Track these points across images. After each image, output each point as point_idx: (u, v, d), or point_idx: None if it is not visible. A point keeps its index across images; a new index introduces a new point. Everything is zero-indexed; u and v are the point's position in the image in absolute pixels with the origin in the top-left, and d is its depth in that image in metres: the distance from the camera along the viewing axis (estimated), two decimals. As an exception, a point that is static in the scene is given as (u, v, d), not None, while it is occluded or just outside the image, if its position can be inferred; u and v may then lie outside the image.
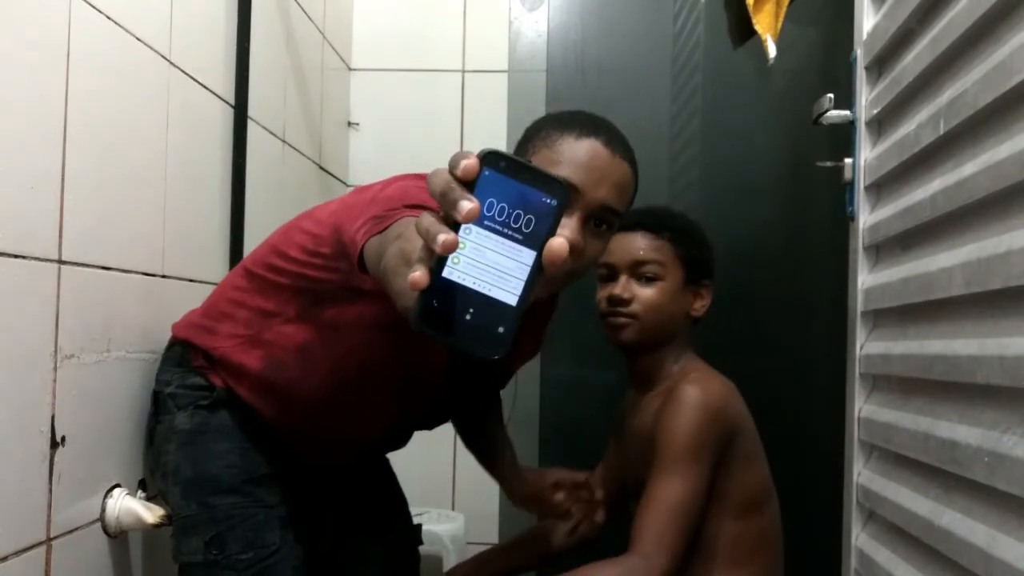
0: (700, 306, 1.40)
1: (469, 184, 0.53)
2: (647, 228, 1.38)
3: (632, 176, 1.11)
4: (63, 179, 1.07)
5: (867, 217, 1.29)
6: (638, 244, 1.37)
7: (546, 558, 1.55)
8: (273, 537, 1.16)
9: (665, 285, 1.36)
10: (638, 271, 1.37)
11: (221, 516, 1.16)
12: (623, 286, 1.36)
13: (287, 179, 1.93)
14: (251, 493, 1.17)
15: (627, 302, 1.36)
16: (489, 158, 0.54)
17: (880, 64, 1.26)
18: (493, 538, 2.38)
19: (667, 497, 1.22)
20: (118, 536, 1.21)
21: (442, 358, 1.17)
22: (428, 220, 0.54)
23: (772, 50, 2.17)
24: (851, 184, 1.34)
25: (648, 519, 1.21)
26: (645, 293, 1.36)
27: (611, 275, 1.39)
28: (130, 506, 1.20)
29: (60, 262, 1.07)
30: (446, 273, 0.53)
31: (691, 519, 1.23)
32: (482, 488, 2.39)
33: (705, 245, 1.42)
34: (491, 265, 0.53)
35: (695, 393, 1.28)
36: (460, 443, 2.37)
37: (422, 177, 1.06)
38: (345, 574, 1.39)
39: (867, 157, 1.29)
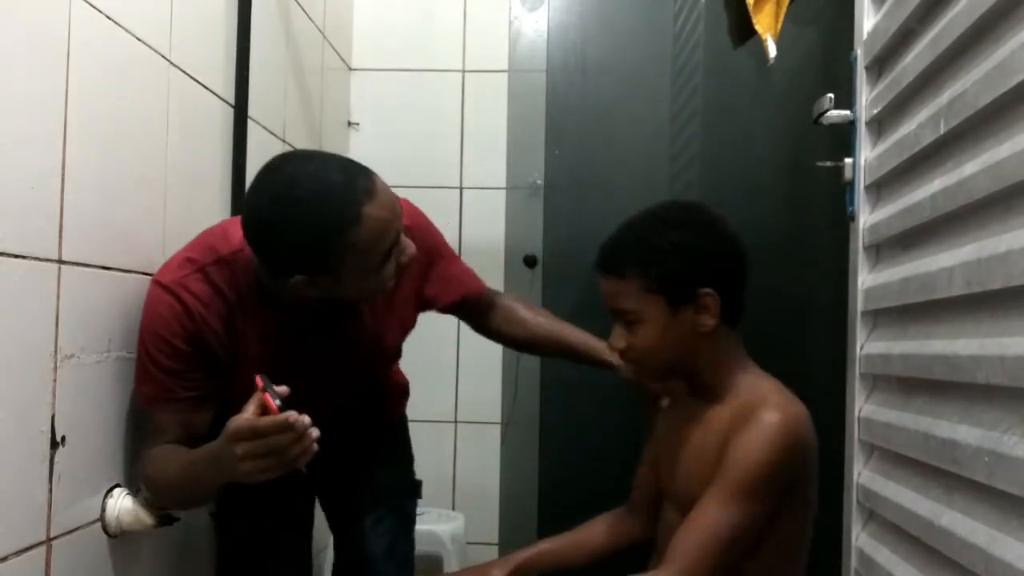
0: (709, 319, 1.25)
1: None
2: (609, 271, 1.28)
3: (383, 183, 1.15)
4: (63, 179, 1.07)
5: (867, 217, 1.29)
6: (609, 290, 1.28)
7: (596, 556, 1.49)
8: (256, 508, 1.41)
9: (646, 326, 1.25)
10: (621, 318, 1.28)
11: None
12: (615, 336, 1.29)
13: (287, 179, 1.93)
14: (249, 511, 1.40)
15: (623, 352, 1.29)
16: (267, 386, 1.06)
17: (880, 64, 1.26)
18: (493, 538, 2.38)
19: (719, 523, 1.16)
20: (118, 536, 1.21)
21: (325, 352, 1.32)
22: (299, 447, 1.02)
23: (772, 50, 2.17)
24: (851, 184, 1.34)
25: (693, 539, 1.17)
26: (633, 340, 1.27)
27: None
28: (130, 506, 1.20)
29: (60, 262, 1.07)
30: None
31: (734, 551, 1.18)
32: (482, 488, 2.39)
33: (687, 252, 1.25)
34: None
35: (777, 421, 1.18)
36: (460, 443, 2.38)
37: (163, 290, 1.21)
38: (340, 521, 1.59)
39: (867, 157, 1.29)
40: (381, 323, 1.38)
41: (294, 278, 1.14)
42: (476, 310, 1.55)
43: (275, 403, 1.03)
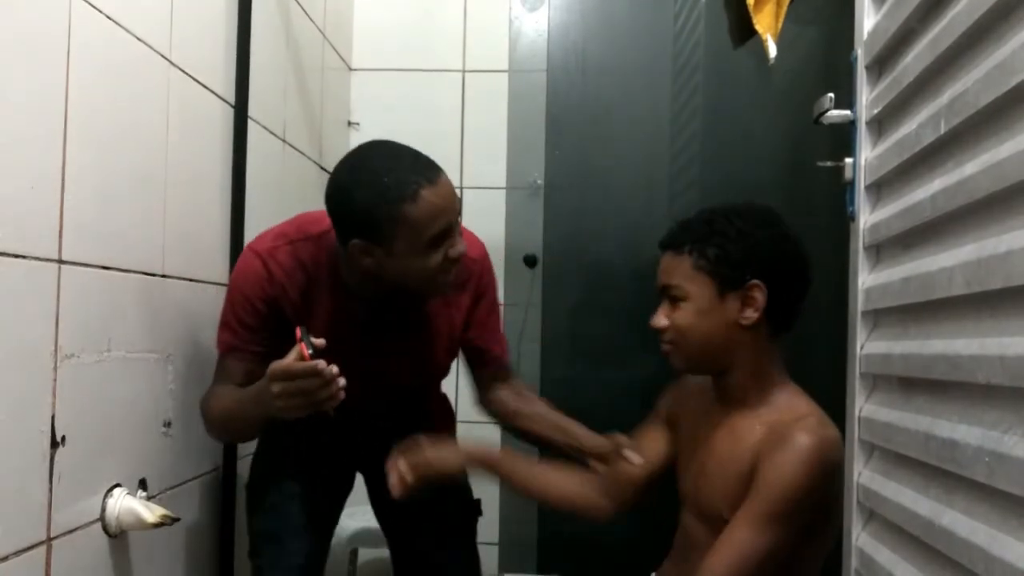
0: (751, 313, 1.28)
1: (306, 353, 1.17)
2: (669, 246, 1.32)
3: (447, 179, 1.29)
4: (63, 179, 1.07)
5: (867, 217, 1.29)
6: (662, 266, 1.32)
7: (550, 501, 1.47)
8: (287, 488, 1.50)
9: (691, 304, 1.28)
10: (668, 294, 1.31)
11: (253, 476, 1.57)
12: (657, 314, 1.31)
13: (287, 179, 1.93)
14: (282, 462, 1.51)
15: (661, 331, 1.31)
16: (304, 337, 1.19)
17: (880, 64, 1.26)
18: (493, 538, 2.38)
19: (750, 546, 1.17)
20: (118, 536, 1.21)
21: (382, 342, 1.43)
22: (326, 391, 1.17)
23: (772, 50, 2.17)
24: (851, 184, 1.34)
25: (724, 562, 1.18)
26: (675, 316, 1.29)
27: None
28: (130, 506, 1.20)
29: (60, 262, 1.07)
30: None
31: (763, 573, 1.19)
32: (483, 488, 2.39)
33: (748, 242, 1.28)
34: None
35: (812, 444, 1.20)
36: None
37: (257, 256, 1.37)
38: (403, 539, 1.65)
39: (867, 157, 1.29)
40: (435, 332, 1.47)
41: (353, 242, 1.27)
42: (488, 373, 1.60)
43: (308, 352, 1.17)
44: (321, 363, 1.16)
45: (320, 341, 1.19)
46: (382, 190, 1.23)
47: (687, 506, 1.37)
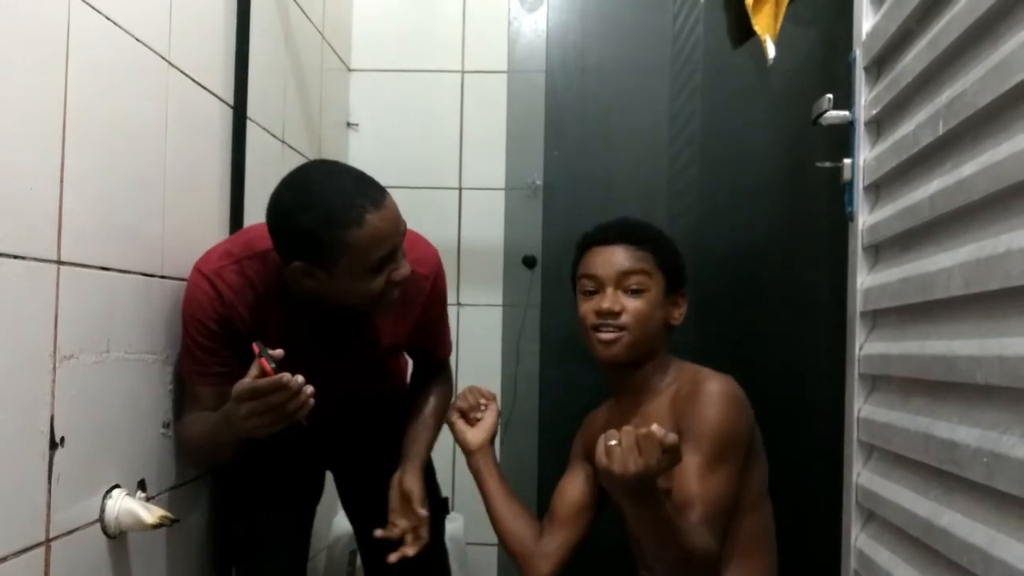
0: (679, 315, 1.43)
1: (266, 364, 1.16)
2: (629, 241, 1.41)
3: (392, 201, 1.27)
4: (63, 179, 1.07)
5: (866, 217, 1.29)
6: (623, 257, 1.40)
7: (503, 531, 1.55)
8: (259, 496, 1.52)
9: (651, 296, 1.39)
10: (624, 283, 1.39)
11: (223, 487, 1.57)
12: (611, 298, 1.38)
13: (286, 179, 1.93)
14: (254, 470, 1.50)
15: (617, 314, 1.37)
16: (263, 352, 1.17)
17: (879, 64, 1.26)
18: (493, 538, 2.36)
19: (715, 491, 1.24)
20: (117, 537, 1.21)
21: (331, 354, 1.43)
22: (296, 402, 1.16)
23: (771, 50, 2.16)
24: (850, 184, 1.34)
25: (700, 513, 1.22)
26: (633, 304, 1.38)
27: (596, 289, 1.41)
28: (129, 507, 1.20)
29: (60, 262, 1.07)
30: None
31: (728, 512, 1.27)
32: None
33: (680, 255, 1.45)
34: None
35: (722, 386, 1.31)
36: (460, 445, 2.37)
37: (203, 277, 1.35)
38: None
39: (866, 157, 1.29)
40: (381, 340, 1.48)
41: (295, 263, 1.25)
42: (427, 366, 1.65)
43: (271, 366, 1.16)
44: (286, 375, 1.14)
45: (278, 352, 1.18)
46: (326, 213, 1.21)
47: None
